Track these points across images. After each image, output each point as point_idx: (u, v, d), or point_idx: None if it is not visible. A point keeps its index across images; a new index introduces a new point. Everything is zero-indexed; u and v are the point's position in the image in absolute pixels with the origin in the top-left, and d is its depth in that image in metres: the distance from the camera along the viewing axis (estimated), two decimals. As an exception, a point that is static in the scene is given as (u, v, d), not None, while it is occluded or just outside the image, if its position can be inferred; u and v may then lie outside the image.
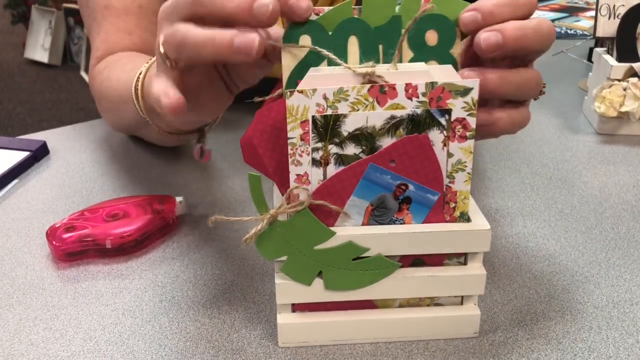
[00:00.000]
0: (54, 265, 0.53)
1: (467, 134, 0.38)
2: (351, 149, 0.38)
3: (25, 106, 3.34)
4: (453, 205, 0.40)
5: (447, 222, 0.40)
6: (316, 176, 0.39)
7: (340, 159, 0.38)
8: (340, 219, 0.40)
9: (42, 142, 0.73)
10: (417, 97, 0.37)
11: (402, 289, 0.41)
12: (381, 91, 0.37)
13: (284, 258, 0.38)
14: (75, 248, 0.53)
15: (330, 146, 0.38)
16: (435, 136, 0.38)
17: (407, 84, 0.37)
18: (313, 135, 0.38)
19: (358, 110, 0.37)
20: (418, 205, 0.40)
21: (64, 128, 0.81)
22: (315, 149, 0.38)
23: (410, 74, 0.37)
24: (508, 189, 0.64)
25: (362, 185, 0.39)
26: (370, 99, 0.37)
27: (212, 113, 0.47)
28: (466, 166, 0.39)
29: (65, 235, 0.53)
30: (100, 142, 0.76)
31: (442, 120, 0.38)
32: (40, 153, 0.71)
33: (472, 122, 0.38)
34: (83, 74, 3.56)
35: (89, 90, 0.73)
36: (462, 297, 0.43)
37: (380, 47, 0.39)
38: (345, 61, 0.39)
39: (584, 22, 1.29)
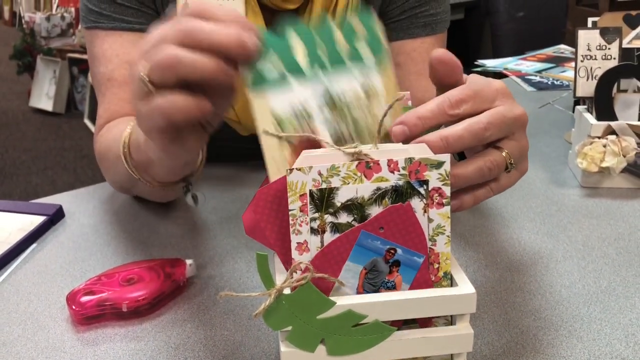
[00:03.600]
0: (73, 328, 0.57)
1: (444, 201, 0.43)
2: (344, 218, 0.43)
3: (30, 153, 3.41)
4: (437, 265, 0.45)
5: (432, 281, 0.45)
6: (314, 244, 0.43)
7: (335, 227, 0.43)
8: (338, 285, 0.44)
9: (58, 206, 0.77)
10: (398, 170, 0.43)
11: (398, 350, 0.44)
12: (367, 167, 0.42)
13: (289, 328, 0.42)
14: (93, 312, 0.56)
15: (326, 216, 0.43)
16: (416, 204, 0.43)
17: (389, 160, 0.42)
18: (310, 206, 0.43)
19: (349, 183, 0.43)
20: (406, 267, 0.45)
21: (77, 191, 0.85)
22: (313, 219, 0.43)
23: (391, 151, 0.43)
24: (497, 244, 0.68)
25: (355, 250, 0.44)
26: (359, 174, 0.43)
27: (191, 149, 0.51)
28: (445, 230, 0.44)
29: (84, 300, 0.57)
30: (112, 204, 0.81)
31: (421, 190, 0.43)
32: (56, 217, 0.76)
33: (447, 190, 0.43)
34: (87, 121, 3.64)
35: (93, 138, 0.80)
36: (452, 354, 0.47)
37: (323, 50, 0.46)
38: (297, 61, 0.45)
39: (570, 73, 1.35)
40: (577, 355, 0.51)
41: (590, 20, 0.89)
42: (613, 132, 0.78)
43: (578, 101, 0.89)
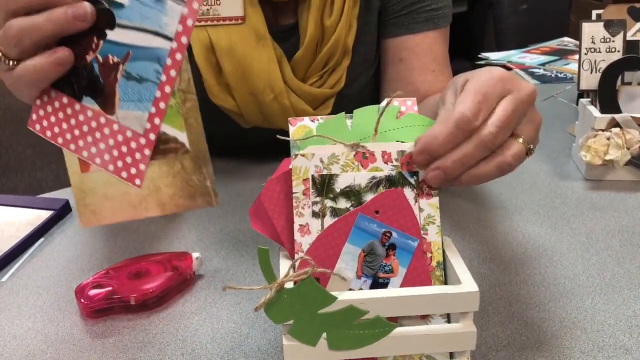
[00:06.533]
0: (82, 321, 0.57)
1: (432, 192, 0.46)
2: (343, 203, 0.46)
3: (35, 149, 3.41)
4: (430, 255, 0.46)
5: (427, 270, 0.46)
6: (315, 226, 0.46)
7: (335, 212, 0.46)
8: (338, 269, 0.45)
9: (64, 200, 0.78)
10: (391, 161, 0.46)
11: (399, 346, 0.44)
12: (364, 157, 0.46)
13: (291, 322, 0.43)
14: (102, 305, 0.57)
15: (326, 200, 0.46)
16: (408, 193, 0.46)
17: (383, 151, 0.46)
18: (312, 191, 0.46)
19: (347, 171, 0.46)
20: (402, 251, 0.46)
21: (83, 185, 0.86)
22: (314, 203, 0.46)
23: (385, 145, 0.46)
24: (501, 237, 0.69)
25: (354, 233, 0.46)
26: (356, 163, 0.46)
27: None
28: (435, 219, 0.46)
29: (92, 293, 0.58)
30: (119, 198, 0.81)
31: (412, 181, 0.46)
32: (63, 211, 0.76)
33: None
34: (90, 116, 3.63)
35: None
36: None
37: None
38: None
39: (573, 66, 1.35)
40: (581, 346, 0.51)
41: (594, 12, 0.89)
42: (617, 125, 0.78)
43: (582, 94, 0.89)
